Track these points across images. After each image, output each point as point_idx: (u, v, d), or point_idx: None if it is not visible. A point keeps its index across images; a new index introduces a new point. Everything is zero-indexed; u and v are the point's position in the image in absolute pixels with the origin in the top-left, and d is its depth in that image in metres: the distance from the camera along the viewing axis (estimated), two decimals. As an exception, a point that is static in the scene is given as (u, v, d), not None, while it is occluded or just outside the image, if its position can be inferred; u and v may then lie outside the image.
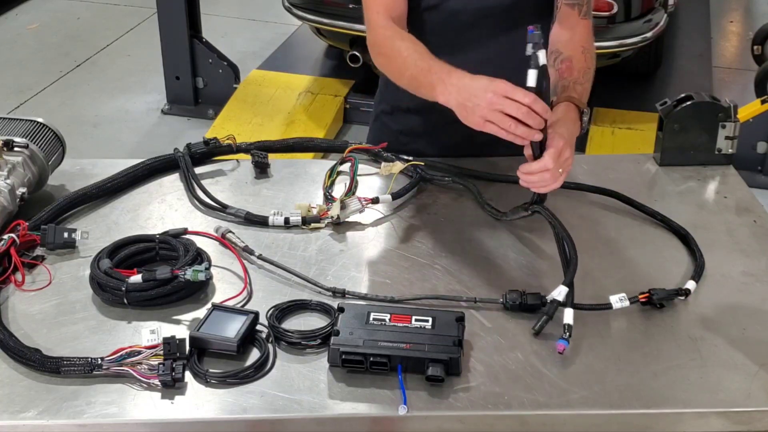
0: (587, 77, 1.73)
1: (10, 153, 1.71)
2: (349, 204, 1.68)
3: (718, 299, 1.50)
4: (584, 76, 1.72)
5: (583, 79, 1.71)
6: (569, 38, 1.78)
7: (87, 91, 4.98)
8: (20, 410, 1.26)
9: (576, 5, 1.80)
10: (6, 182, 1.65)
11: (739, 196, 1.81)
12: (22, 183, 1.69)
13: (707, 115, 1.86)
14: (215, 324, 1.37)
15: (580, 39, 1.79)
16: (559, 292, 1.39)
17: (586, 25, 1.81)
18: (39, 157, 1.75)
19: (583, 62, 1.74)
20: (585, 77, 1.72)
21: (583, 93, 1.69)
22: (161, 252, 1.56)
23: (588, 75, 1.73)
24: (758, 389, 1.31)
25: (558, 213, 1.73)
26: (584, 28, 1.81)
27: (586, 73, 1.73)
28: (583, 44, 1.78)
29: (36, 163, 1.74)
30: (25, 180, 1.71)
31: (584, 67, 1.74)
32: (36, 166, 1.74)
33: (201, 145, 1.88)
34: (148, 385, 1.30)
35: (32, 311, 1.46)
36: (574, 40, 1.78)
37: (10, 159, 1.70)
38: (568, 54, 1.74)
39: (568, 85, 1.68)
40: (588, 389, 1.30)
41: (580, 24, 1.80)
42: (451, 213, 1.74)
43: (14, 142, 1.72)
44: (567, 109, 1.63)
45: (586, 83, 1.71)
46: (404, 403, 1.27)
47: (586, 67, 1.74)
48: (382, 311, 1.39)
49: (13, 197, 1.65)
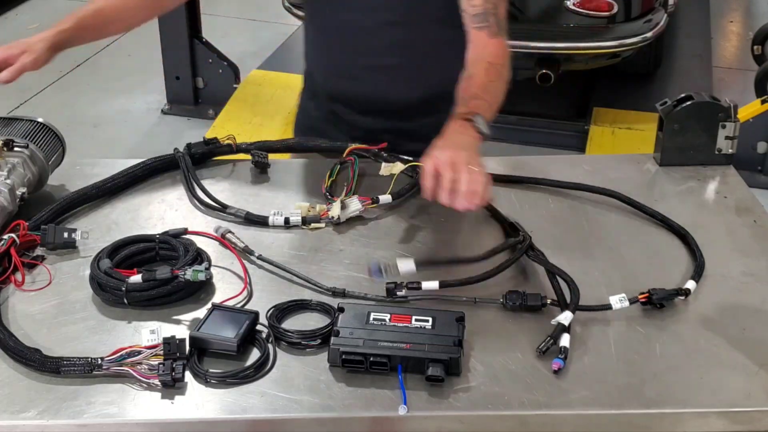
0: (488, 90, 1.75)
1: (10, 153, 1.71)
2: (349, 204, 1.68)
3: (718, 299, 1.50)
4: (484, 89, 1.74)
5: (482, 92, 1.74)
6: (477, 57, 1.80)
7: (87, 91, 4.98)
8: (20, 410, 1.26)
9: (484, 27, 1.81)
10: (6, 182, 1.65)
11: (739, 196, 1.81)
12: (22, 183, 1.69)
13: (707, 115, 1.86)
14: (215, 324, 1.37)
15: (488, 55, 1.80)
16: (565, 317, 1.39)
17: (497, 44, 1.81)
18: (39, 157, 1.75)
19: (484, 77, 1.76)
20: (485, 91, 1.74)
21: (480, 106, 1.71)
22: (161, 252, 1.56)
23: (490, 87, 1.75)
24: (758, 389, 1.31)
25: (558, 213, 1.74)
26: (495, 46, 1.81)
27: (487, 86, 1.75)
28: (489, 59, 1.79)
29: (36, 163, 1.74)
30: (25, 180, 1.70)
31: (484, 81, 1.76)
32: (36, 166, 1.74)
33: (201, 145, 1.88)
34: (148, 385, 1.30)
35: (32, 311, 1.46)
36: (481, 57, 1.80)
37: (10, 159, 1.70)
38: (470, 72, 1.78)
39: (464, 101, 1.72)
40: (588, 389, 1.30)
41: (490, 44, 1.81)
42: (451, 213, 1.73)
43: (14, 142, 1.72)
44: (453, 126, 1.67)
45: (485, 96, 1.73)
46: (404, 403, 1.27)
47: (487, 81, 1.76)
48: (382, 311, 1.39)
49: (13, 197, 1.65)
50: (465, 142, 1.62)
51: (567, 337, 1.37)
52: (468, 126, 1.66)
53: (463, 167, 1.51)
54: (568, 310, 1.41)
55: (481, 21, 1.81)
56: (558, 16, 4.42)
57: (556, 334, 1.37)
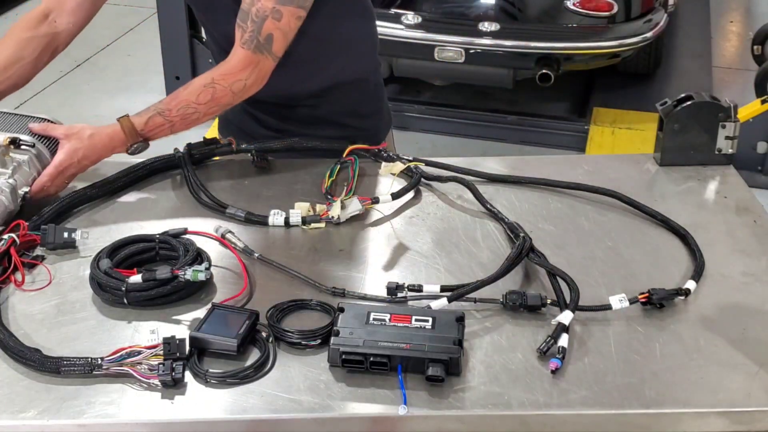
0: (184, 114, 1.75)
1: (17, 151, 1.70)
2: (349, 204, 1.68)
3: (718, 299, 1.50)
4: (182, 111, 1.75)
5: (175, 112, 1.75)
6: (218, 67, 1.77)
7: (87, 91, 4.98)
8: (20, 410, 1.26)
9: (240, 27, 1.74)
10: (8, 181, 1.64)
11: (739, 196, 1.81)
12: (26, 182, 1.69)
13: (707, 115, 1.86)
14: (215, 324, 1.37)
15: (221, 71, 1.75)
16: (565, 316, 1.39)
17: (242, 56, 1.74)
18: (45, 156, 1.74)
19: (193, 97, 1.75)
20: (181, 112, 1.75)
21: (159, 128, 1.74)
22: (161, 252, 1.56)
23: (188, 111, 1.75)
24: (758, 389, 1.31)
25: (558, 213, 1.74)
26: (239, 59, 1.74)
27: (187, 108, 1.75)
28: (215, 77, 1.75)
29: (42, 162, 1.74)
30: (30, 179, 1.70)
31: (188, 101, 1.75)
32: (42, 164, 1.73)
33: (201, 145, 1.88)
34: (148, 385, 1.30)
35: (32, 311, 1.46)
36: (213, 71, 1.77)
37: (16, 157, 1.70)
38: (191, 82, 1.78)
39: (152, 111, 1.75)
40: (588, 389, 1.30)
41: (237, 53, 1.75)
42: (451, 213, 1.74)
43: (21, 140, 1.71)
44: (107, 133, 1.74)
45: (174, 116, 1.75)
46: (404, 403, 1.27)
47: (192, 101, 1.75)
48: (382, 311, 1.38)
49: (15, 197, 1.65)
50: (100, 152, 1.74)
51: (565, 338, 1.37)
52: (119, 139, 1.73)
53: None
54: (568, 309, 1.41)
55: (241, 20, 1.75)
56: (558, 16, 4.43)
57: (556, 334, 1.37)
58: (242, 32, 1.74)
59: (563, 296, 1.45)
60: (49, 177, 1.71)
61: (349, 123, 2.01)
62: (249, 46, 1.74)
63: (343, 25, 1.90)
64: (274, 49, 1.76)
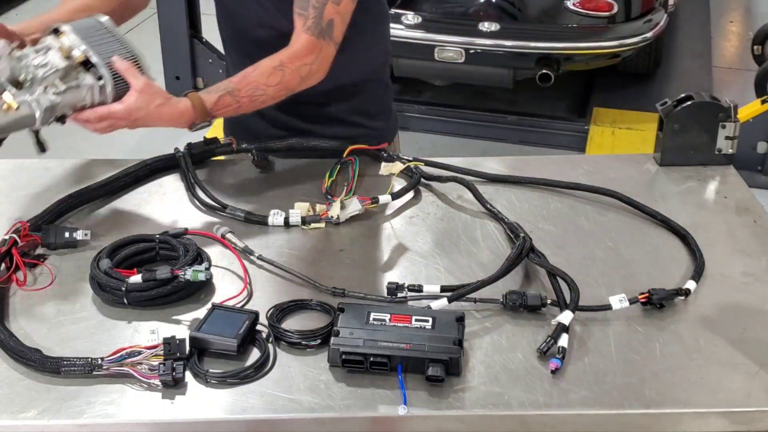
0: (253, 95, 1.73)
1: (84, 72, 1.61)
2: (349, 204, 1.68)
3: (718, 299, 1.50)
4: (250, 91, 1.73)
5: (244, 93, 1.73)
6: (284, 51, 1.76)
7: (87, 91, 4.98)
8: (20, 410, 1.26)
9: (301, 15, 1.76)
10: (51, 97, 1.55)
11: (739, 196, 1.81)
12: (72, 105, 1.59)
13: (707, 115, 1.86)
14: (215, 324, 1.37)
15: (288, 54, 1.75)
16: (565, 316, 1.39)
17: (305, 41, 1.75)
18: (107, 94, 1.63)
19: (263, 78, 1.73)
20: (249, 93, 1.73)
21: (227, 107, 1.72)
22: (161, 252, 1.56)
23: (257, 93, 1.73)
24: (758, 389, 1.31)
25: (558, 213, 1.74)
26: (303, 44, 1.75)
27: (256, 89, 1.73)
28: (283, 59, 1.74)
29: (101, 96, 1.63)
30: (78, 105, 1.61)
31: (257, 82, 1.73)
32: (99, 98, 1.63)
33: (201, 144, 1.88)
34: (149, 385, 1.30)
35: (32, 311, 1.46)
36: (280, 54, 1.75)
37: (81, 78, 1.60)
38: (259, 64, 1.75)
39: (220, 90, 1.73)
40: (588, 389, 1.30)
41: (300, 38, 1.76)
42: (451, 213, 1.74)
43: (95, 68, 1.60)
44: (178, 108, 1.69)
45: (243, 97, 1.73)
46: (404, 403, 1.27)
47: (261, 83, 1.73)
48: (382, 311, 1.38)
49: (48, 115, 1.56)
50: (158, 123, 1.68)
51: (565, 338, 1.37)
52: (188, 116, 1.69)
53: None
54: (568, 310, 1.41)
55: (301, 8, 1.76)
56: (558, 16, 4.43)
57: (556, 334, 1.37)
58: (304, 19, 1.75)
59: (563, 296, 1.46)
60: (98, 117, 1.64)
61: (358, 122, 2.01)
62: (313, 32, 1.75)
63: (360, 27, 1.88)
64: (335, 35, 1.77)
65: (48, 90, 1.57)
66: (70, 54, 1.61)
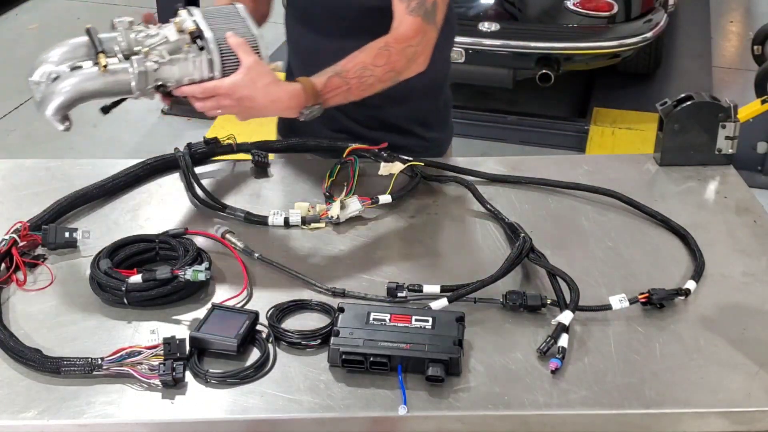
0: (362, 75, 1.70)
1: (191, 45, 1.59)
2: (349, 204, 1.68)
3: (718, 299, 1.50)
4: (359, 72, 1.70)
5: (353, 74, 1.69)
6: (389, 34, 1.74)
7: (87, 91, 4.98)
8: (20, 410, 1.26)
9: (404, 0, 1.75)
10: (149, 63, 1.53)
11: (739, 196, 1.81)
12: (175, 78, 1.57)
13: (707, 115, 1.86)
14: (215, 324, 1.37)
15: (393, 35, 1.74)
16: (565, 316, 1.40)
17: (411, 23, 1.73)
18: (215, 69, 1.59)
19: (369, 59, 1.71)
20: (358, 74, 1.70)
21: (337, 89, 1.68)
22: (161, 252, 1.56)
23: (365, 73, 1.70)
24: (758, 389, 1.31)
25: (558, 213, 1.74)
26: (409, 26, 1.74)
27: (364, 71, 1.70)
28: (390, 41, 1.73)
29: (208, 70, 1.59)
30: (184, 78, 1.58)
31: (365, 62, 1.70)
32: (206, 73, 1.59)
33: (201, 145, 1.88)
34: (149, 385, 1.30)
35: (32, 311, 1.46)
36: (386, 37, 1.74)
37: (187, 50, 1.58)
38: (366, 46, 1.72)
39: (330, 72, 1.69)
40: (588, 389, 1.30)
41: (406, 20, 1.74)
42: (451, 213, 1.74)
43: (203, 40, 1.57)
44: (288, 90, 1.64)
45: (352, 79, 1.69)
46: (404, 403, 1.27)
47: (369, 63, 1.71)
48: (382, 311, 1.39)
49: (143, 83, 1.54)
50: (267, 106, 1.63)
51: (565, 338, 1.37)
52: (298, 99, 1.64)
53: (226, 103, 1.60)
54: (568, 310, 1.41)
55: None
56: (558, 16, 4.43)
57: (556, 334, 1.37)
58: (408, 2, 1.74)
59: (563, 296, 1.46)
60: (202, 91, 1.60)
61: (416, 132, 2.00)
62: (417, 13, 1.74)
63: None
64: (437, 19, 1.77)
65: (148, 57, 1.56)
66: (182, 27, 1.61)
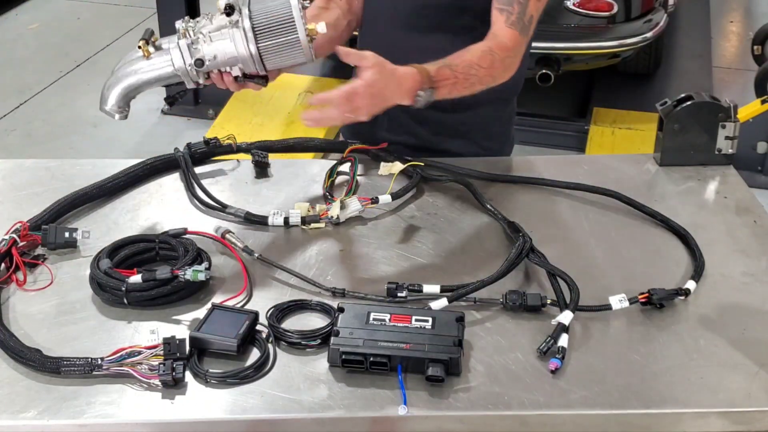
0: (468, 72, 1.69)
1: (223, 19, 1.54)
2: (349, 204, 1.68)
3: (718, 299, 1.50)
4: (465, 69, 1.69)
5: (461, 69, 1.68)
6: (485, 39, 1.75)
7: (87, 91, 4.98)
8: (20, 410, 1.26)
9: (504, 11, 1.77)
10: (182, 41, 1.51)
11: (739, 196, 1.81)
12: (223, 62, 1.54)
13: (707, 115, 1.86)
14: (215, 324, 1.37)
15: (495, 42, 1.75)
16: (565, 316, 1.40)
17: (510, 35, 1.77)
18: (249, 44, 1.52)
19: (475, 58, 1.71)
20: (465, 70, 1.69)
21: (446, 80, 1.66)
22: (161, 252, 1.56)
23: (471, 71, 1.70)
24: (758, 389, 1.31)
25: (558, 213, 1.74)
26: (507, 37, 1.76)
27: (470, 68, 1.70)
28: (493, 46, 1.74)
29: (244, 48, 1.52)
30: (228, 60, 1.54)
31: (471, 62, 1.71)
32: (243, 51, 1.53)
33: (201, 145, 1.88)
34: (149, 385, 1.30)
35: (32, 311, 1.46)
36: (488, 41, 1.75)
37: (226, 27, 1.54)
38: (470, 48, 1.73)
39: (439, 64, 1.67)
40: (588, 389, 1.30)
41: (504, 32, 1.77)
42: (451, 213, 1.74)
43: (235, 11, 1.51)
44: (407, 70, 1.60)
45: (460, 74, 1.68)
46: (404, 403, 1.27)
47: (474, 62, 1.71)
48: (382, 311, 1.39)
49: (182, 63, 1.52)
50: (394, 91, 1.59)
51: (565, 338, 1.37)
52: (415, 79, 1.61)
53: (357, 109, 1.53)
54: (568, 310, 1.41)
55: (505, 3, 1.78)
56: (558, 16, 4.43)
57: (556, 334, 1.37)
58: (507, 14, 1.77)
59: (563, 296, 1.46)
60: (341, 96, 1.52)
61: (478, 140, 2.00)
62: (516, 27, 1.77)
63: None
64: (530, 33, 1.80)
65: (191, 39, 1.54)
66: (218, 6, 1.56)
